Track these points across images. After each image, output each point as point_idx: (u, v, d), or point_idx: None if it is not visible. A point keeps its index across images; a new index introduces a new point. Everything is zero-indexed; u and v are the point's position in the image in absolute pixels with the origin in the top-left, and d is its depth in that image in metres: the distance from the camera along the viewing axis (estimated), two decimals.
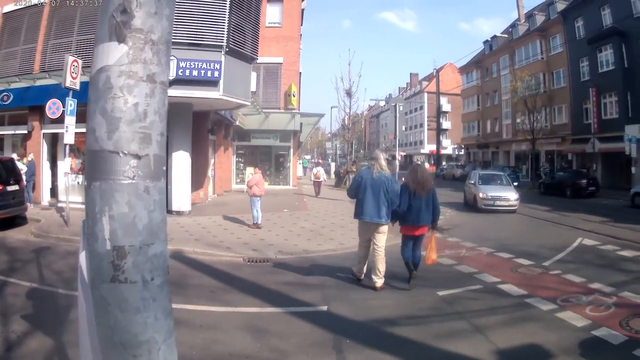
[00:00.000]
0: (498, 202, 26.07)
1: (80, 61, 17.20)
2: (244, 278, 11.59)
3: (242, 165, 37.36)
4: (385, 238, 10.99)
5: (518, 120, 56.25)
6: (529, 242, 17.06)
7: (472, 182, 29.65)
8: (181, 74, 18.11)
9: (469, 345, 7.55)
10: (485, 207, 26.09)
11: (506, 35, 70.08)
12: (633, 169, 37.09)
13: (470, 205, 28.17)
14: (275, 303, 9.58)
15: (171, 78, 17.32)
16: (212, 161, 28.20)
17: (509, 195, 26.42)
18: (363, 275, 11.31)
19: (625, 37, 41.98)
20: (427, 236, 11.27)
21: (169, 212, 19.85)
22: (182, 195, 20.96)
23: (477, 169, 43.41)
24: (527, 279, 11.93)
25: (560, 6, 53.23)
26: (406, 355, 7.23)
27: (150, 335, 2.47)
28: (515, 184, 32.57)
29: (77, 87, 16.89)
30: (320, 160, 70.59)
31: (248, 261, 13.52)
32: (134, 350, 2.47)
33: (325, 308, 9.38)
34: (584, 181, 37.43)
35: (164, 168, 2.75)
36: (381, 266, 10.66)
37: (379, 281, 10.64)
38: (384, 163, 10.99)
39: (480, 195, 26.71)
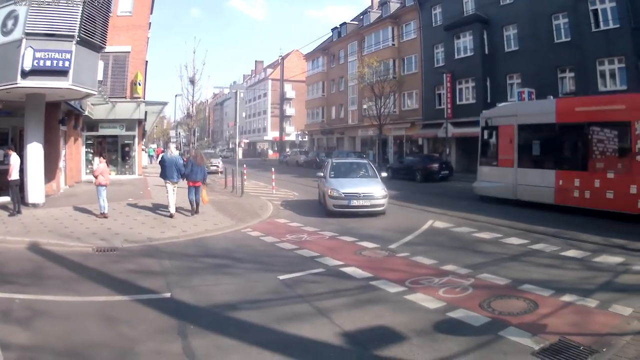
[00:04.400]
0: (356, 202, 19.42)
1: None
2: (93, 267, 11.94)
3: (91, 155, 36.14)
4: (176, 189, 19.85)
5: (365, 106, 58.12)
6: (373, 225, 17.60)
7: (322, 174, 22.78)
8: (36, 65, 18.00)
9: (313, 328, 7.65)
10: (337, 210, 19.61)
11: (356, 23, 71.45)
12: None
13: (323, 205, 21.21)
14: (123, 291, 9.86)
15: (27, 69, 17.91)
16: (63, 152, 27.70)
17: (373, 191, 19.88)
18: (174, 214, 19.27)
19: (487, 24, 44.32)
20: (202, 188, 20.52)
21: (26, 205, 20.08)
22: (36, 188, 20.74)
23: (332, 157, 32.63)
24: (372, 261, 12.23)
25: None
26: (249, 339, 7.26)
27: None
28: (384, 174, 24.06)
29: None
30: (158, 150, 70.36)
31: (97, 251, 13.86)
32: None
33: (168, 295, 9.67)
34: (436, 165, 38.55)
35: None
36: (173, 200, 19.57)
37: (173, 208, 19.48)
38: (174, 150, 21.61)
39: (329, 192, 19.94)
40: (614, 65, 33.73)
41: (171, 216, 18.99)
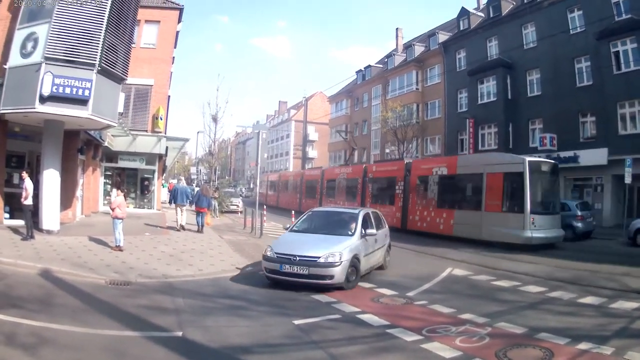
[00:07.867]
0: (288, 268, 13.75)
1: None
2: (105, 300, 11.84)
3: (109, 186, 36.33)
4: (185, 211, 27.51)
5: (387, 151, 58.15)
6: (391, 272, 17.39)
7: (287, 226, 18.59)
8: (55, 91, 18.22)
9: None
10: (270, 276, 14.37)
11: (381, 66, 71.99)
12: None
13: None
14: (134, 327, 9.72)
15: (46, 94, 18.11)
16: (81, 181, 27.93)
17: (322, 254, 13.73)
18: (180, 227, 26.15)
19: (510, 69, 44.14)
20: (206, 213, 28.59)
21: (40, 230, 20.20)
22: (51, 215, 20.87)
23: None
24: (389, 308, 12.10)
25: (442, 37, 55.40)
26: None
27: None
28: (386, 229, 18.83)
29: None
30: (171, 185, 71.67)
31: (110, 283, 13.77)
32: None
33: (180, 334, 9.47)
34: None
35: None
36: (183, 220, 26.76)
37: (183, 224, 26.57)
38: (184, 183, 33.56)
39: (264, 251, 15.04)
40: (634, 108, 33.67)
41: (179, 230, 26.01)
